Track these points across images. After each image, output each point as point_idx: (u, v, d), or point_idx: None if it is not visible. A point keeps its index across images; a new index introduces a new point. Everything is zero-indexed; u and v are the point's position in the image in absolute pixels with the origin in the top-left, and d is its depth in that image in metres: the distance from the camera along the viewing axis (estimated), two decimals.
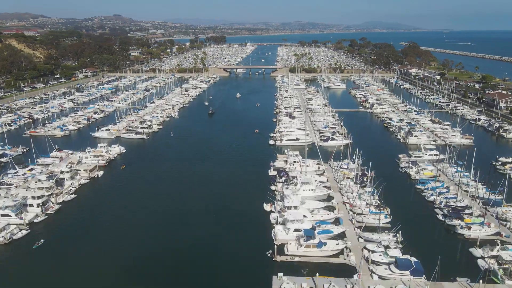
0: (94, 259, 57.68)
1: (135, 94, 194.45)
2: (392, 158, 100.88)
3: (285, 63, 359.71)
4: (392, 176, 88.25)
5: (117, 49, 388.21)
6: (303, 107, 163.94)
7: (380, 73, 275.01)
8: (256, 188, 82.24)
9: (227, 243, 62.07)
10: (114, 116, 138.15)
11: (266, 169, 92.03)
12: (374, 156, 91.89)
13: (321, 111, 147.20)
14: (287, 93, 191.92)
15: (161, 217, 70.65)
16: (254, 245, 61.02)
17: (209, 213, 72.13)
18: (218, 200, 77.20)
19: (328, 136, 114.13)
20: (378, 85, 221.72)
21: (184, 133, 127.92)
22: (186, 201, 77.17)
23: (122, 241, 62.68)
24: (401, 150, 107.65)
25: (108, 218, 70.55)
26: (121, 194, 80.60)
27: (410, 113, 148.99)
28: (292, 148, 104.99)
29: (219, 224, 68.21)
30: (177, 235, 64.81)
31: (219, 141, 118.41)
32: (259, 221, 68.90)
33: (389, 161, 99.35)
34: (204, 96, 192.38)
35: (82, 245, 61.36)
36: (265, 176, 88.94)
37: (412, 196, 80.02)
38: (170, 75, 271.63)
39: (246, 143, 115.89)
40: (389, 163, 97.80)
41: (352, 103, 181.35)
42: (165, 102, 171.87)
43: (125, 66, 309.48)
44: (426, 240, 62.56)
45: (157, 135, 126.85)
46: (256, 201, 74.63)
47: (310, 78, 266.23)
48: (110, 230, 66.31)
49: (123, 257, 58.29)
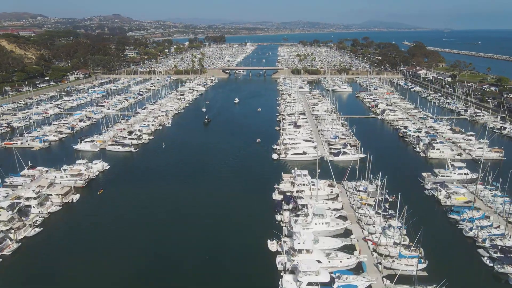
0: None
1: (127, 98, 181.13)
2: (414, 176, 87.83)
3: (287, 63, 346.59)
4: (417, 201, 74.78)
5: (113, 49, 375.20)
6: (308, 113, 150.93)
7: (386, 74, 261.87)
8: (257, 217, 69.21)
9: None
10: (101, 124, 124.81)
11: (270, 191, 78.92)
12: (392, 173, 79.31)
13: (328, 118, 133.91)
14: (290, 97, 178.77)
15: (144, 262, 57.53)
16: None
17: (202, 254, 59.08)
18: (212, 235, 64.07)
19: (339, 149, 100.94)
20: (387, 88, 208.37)
21: (177, 145, 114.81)
22: (174, 237, 64.06)
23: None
24: (423, 166, 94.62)
25: (78, 261, 57.38)
26: (97, 227, 67.40)
27: (425, 121, 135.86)
28: (299, 164, 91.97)
29: (213, 269, 55.21)
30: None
31: (215, 155, 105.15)
32: (262, 265, 55.88)
33: (411, 180, 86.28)
34: (201, 101, 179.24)
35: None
36: (268, 201, 75.86)
37: (446, 229, 66.68)
38: (166, 77, 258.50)
39: (245, 157, 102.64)
40: (411, 183, 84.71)
41: (361, 108, 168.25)
42: (159, 108, 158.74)
43: (120, 68, 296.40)
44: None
45: (147, 147, 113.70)
46: (258, 237, 61.46)
47: (313, 80, 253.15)
48: (78, 279, 53.25)
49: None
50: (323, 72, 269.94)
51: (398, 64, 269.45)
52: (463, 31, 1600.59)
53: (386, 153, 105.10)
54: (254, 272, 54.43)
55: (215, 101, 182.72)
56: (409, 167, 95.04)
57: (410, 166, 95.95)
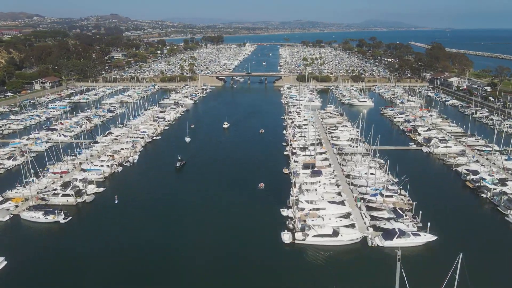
0: None
1: (92, 117, 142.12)
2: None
3: (290, 67, 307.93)
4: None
5: (97, 51, 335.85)
6: (326, 141, 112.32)
7: (410, 82, 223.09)
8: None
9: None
10: (35, 164, 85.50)
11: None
12: (479, 266, 41.45)
13: (356, 153, 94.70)
14: (299, 116, 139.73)
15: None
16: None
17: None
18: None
19: (392, 228, 61.50)
20: (418, 101, 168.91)
21: (138, 200, 76.12)
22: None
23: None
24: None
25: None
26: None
27: (490, 155, 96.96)
28: (326, 250, 53.81)
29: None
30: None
31: (187, 227, 66.37)
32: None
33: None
34: (186, 120, 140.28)
35: None
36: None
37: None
38: (150, 86, 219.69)
39: (236, 238, 63.57)
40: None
41: (390, 131, 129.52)
42: (127, 133, 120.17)
43: (101, 73, 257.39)
44: None
45: (90, 207, 74.73)
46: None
47: (323, 88, 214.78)
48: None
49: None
50: (334, 79, 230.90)
51: (422, 70, 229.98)
52: (465, 30, 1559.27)
53: (456, 223, 66.50)
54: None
55: (203, 123, 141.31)
56: (503, 254, 56.88)
57: (503, 252, 57.69)
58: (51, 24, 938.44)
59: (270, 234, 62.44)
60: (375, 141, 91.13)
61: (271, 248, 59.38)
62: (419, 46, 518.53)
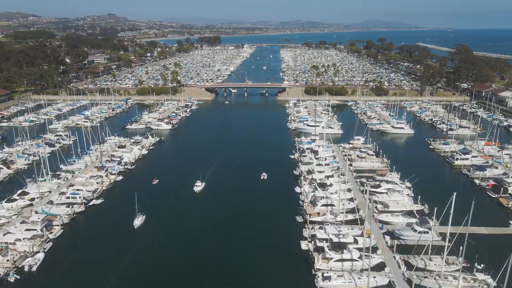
0: None
1: (15, 158, 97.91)
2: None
3: (294, 73, 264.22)
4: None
5: (75, 54, 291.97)
6: (363, 206, 68.42)
7: (442, 94, 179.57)
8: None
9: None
10: None
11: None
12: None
13: (433, 256, 51.48)
14: (316, 157, 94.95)
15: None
16: None
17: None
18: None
19: None
20: (473, 127, 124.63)
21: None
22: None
23: None
24: None
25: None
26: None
27: None
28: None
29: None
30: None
31: None
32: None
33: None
34: (150, 164, 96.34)
35: None
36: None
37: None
38: (122, 101, 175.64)
39: None
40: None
41: (457, 186, 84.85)
42: (51, 192, 76.29)
43: (69, 82, 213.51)
44: None
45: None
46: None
47: (339, 103, 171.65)
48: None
49: None
50: (351, 91, 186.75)
51: (461, 79, 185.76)
52: (467, 30, 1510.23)
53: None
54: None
55: (173, 173, 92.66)
56: None
57: None
58: (46, 24, 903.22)
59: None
60: (446, 214, 47.67)
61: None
62: (431, 48, 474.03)
